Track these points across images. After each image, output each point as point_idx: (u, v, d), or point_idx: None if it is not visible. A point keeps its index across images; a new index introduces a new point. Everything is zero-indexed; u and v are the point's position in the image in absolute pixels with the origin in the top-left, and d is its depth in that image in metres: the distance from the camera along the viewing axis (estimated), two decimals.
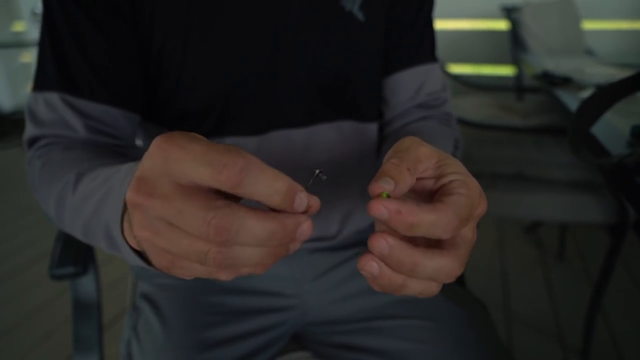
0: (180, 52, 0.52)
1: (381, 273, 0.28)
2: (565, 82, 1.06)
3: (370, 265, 0.28)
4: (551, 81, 1.07)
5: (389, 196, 0.29)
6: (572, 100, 0.90)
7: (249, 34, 0.53)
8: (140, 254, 0.34)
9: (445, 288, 0.60)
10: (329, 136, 0.60)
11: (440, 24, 2.50)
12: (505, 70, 2.49)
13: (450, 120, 0.64)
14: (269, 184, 0.25)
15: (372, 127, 0.64)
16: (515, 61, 2.05)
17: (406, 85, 0.63)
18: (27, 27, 3.45)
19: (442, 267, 0.28)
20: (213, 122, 0.56)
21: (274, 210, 0.26)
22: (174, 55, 0.52)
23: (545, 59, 1.40)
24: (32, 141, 0.52)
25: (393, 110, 0.64)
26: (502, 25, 2.33)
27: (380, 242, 0.27)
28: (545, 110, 1.36)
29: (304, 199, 0.26)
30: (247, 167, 0.24)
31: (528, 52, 1.79)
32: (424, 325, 0.56)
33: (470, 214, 0.30)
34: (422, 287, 0.30)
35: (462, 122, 1.18)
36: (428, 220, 0.28)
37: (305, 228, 0.27)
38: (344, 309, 0.62)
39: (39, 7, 3.02)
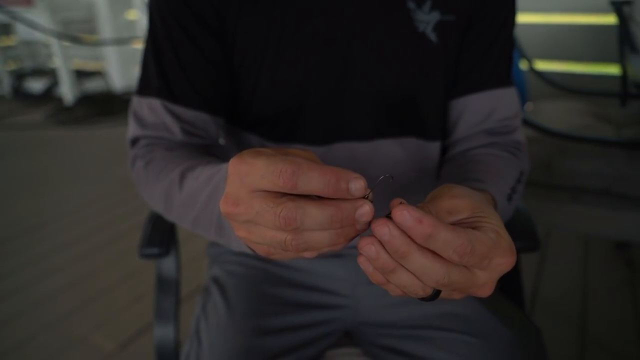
0: (257, 66, 0.57)
1: (377, 255, 0.31)
2: None
3: (369, 248, 0.31)
4: None
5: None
6: None
7: (322, 50, 0.57)
8: None
9: (498, 307, 0.61)
10: (391, 151, 0.62)
11: (539, 18, 2.34)
12: (611, 70, 2.28)
13: (518, 150, 0.62)
14: (319, 179, 0.29)
15: (435, 146, 0.65)
16: (622, 61, 1.87)
17: (476, 109, 0.62)
18: (139, 16, 3.78)
19: (429, 268, 0.31)
20: (283, 130, 0.61)
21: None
22: (251, 68, 0.57)
23: None
24: (135, 140, 0.60)
25: (459, 133, 0.64)
26: (610, 19, 2.13)
27: (384, 229, 0.30)
28: None
29: (358, 184, 0.29)
30: (297, 170, 0.29)
31: (637, 53, 1.63)
32: (469, 341, 0.57)
33: (487, 254, 0.31)
34: (408, 281, 0.32)
35: (545, 131, 1.12)
36: (444, 236, 0.30)
37: (364, 210, 0.30)
38: (394, 314, 0.65)
39: None
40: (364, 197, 0.31)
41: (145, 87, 0.58)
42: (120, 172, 2.60)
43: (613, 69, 2.26)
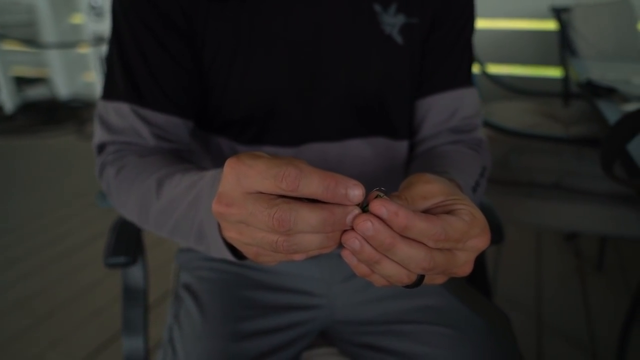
0: (227, 69, 0.56)
1: (361, 249, 0.32)
2: (609, 93, 1.04)
3: (352, 241, 0.31)
4: (594, 91, 1.05)
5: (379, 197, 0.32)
6: (612, 113, 0.89)
7: (291, 53, 0.57)
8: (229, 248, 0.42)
9: (469, 298, 0.63)
10: (361, 151, 0.63)
11: (486, 24, 2.45)
12: (554, 72, 2.42)
13: (480, 147, 0.65)
14: (319, 183, 0.29)
15: (403, 145, 0.66)
16: (563, 64, 1.99)
17: (440, 108, 0.64)
18: (85, 20, 3.63)
19: (415, 255, 0.31)
20: (253, 132, 0.60)
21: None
22: (221, 71, 0.57)
23: (592, 66, 1.36)
24: (102, 146, 0.58)
25: (425, 131, 0.66)
26: (551, 25, 2.26)
27: (367, 224, 0.30)
28: (589, 118, 1.33)
29: (357, 190, 0.30)
30: (300, 174, 0.29)
31: (576, 56, 1.74)
32: (444, 332, 0.59)
33: (461, 237, 0.33)
34: (393, 270, 0.33)
35: (501, 130, 1.17)
36: (419, 226, 0.31)
37: (355, 215, 0.31)
38: (370, 311, 0.65)
39: (96, 0, 3.18)
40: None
41: (111, 90, 0.56)
42: (70, 182, 2.48)
43: (555, 72, 2.40)
